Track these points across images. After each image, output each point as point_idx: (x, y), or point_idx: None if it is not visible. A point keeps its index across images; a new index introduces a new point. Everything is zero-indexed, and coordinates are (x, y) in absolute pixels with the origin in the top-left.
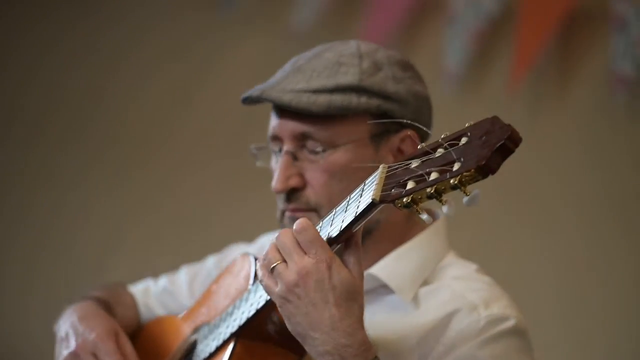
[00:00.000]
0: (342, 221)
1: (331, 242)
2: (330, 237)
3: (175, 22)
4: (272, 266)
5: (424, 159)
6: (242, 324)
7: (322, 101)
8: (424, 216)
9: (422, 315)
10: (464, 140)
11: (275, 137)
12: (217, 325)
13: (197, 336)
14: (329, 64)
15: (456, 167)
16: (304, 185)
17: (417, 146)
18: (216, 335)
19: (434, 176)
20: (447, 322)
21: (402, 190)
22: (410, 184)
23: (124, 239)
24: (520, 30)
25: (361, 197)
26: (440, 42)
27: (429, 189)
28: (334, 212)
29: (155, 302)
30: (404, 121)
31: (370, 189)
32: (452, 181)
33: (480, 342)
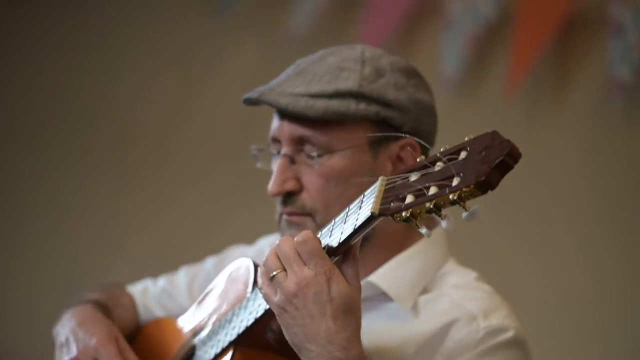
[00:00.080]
0: (341, 233)
1: (330, 253)
2: (329, 248)
3: (174, 27)
4: (272, 274)
5: (423, 172)
6: (240, 333)
7: (319, 106)
8: (423, 230)
9: (421, 324)
10: (463, 154)
11: (275, 139)
12: (215, 332)
13: (196, 341)
14: (331, 68)
15: (455, 182)
16: (301, 189)
17: (417, 154)
18: (215, 342)
19: (433, 191)
20: (446, 332)
21: (401, 204)
22: (409, 198)
23: (126, 242)
24: (517, 35)
25: (360, 209)
26: (437, 47)
27: (428, 204)
28: (333, 223)
29: (154, 302)
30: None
31: (369, 202)
32: (451, 196)
33: (478, 353)
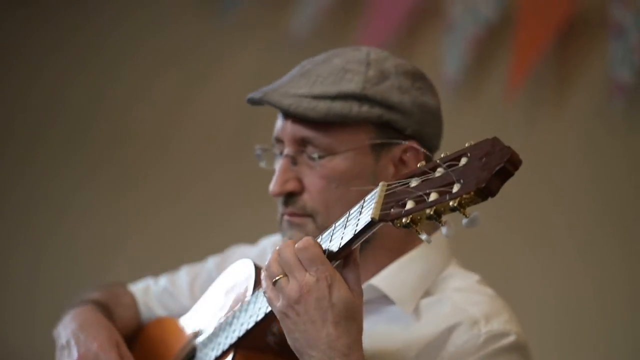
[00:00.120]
0: (342, 238)
1: (331, 257)
2: (330, 253)
3: (175, 28)
4: (274, 279)
5: (424, 178)
6: (241, 336)
7: (321, 107)
8: (424, 236)
9: (423, 327)
10: (464, 160)
11: (278, 140)
12: (216, 334)
13: (196, 343)
14: (335, 70)
15: (455, 188)
16: (302, 190)
17: (420, 157)
18: (215, 345)
19: (433, 197)
20: (447, 336)
21: (401, 210)
22: (409, 204)
23: (127, 242)
24: (518, 37)
25: (360, 214)
26: (438, 49)
27: (428, 210)
28: (333, 227)
29: (155, 302)
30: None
31: (369, 207)
32: (451, 203)
33: (479, 358)
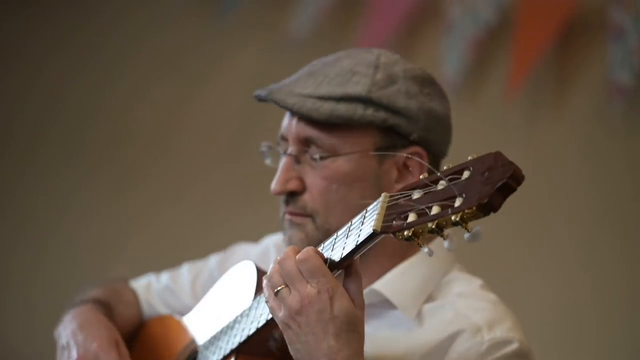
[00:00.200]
0: (343, 248)
1: (332, 267)
2: (331, 262)
3: (175, 29)
4: (276, 289)
5: (426, 190)
6: (242, 341)
7: (325, 108)
8: (425, 249)
9: (425, 333)
10: (466, 174)
11: (283, 138)
12: (217, 337)
13: (197, 346)
14: (343, 71)
15: (458, 203)
16: (303, 189)
17: (424, 164)
18: (216, 348)
19: (435, 210)
20: (450, 343)
21: (403, 222)
22: (411, 217)
23: (127, 242)
24: (517, 38)
25: (362, 224)
26: (437, 51)
27: (430, 224)
28: (335, 236)
29: (157, 299)
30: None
31: (371, 218)
32: (453, 217)
33: None
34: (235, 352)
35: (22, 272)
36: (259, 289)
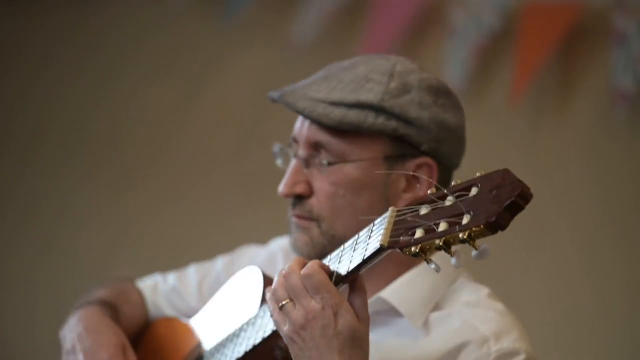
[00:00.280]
0: (350, 262)
1: (338, 280)
2: (337, 276)
3: (178, 30)
4: (281, 304)
5: (434, 206)
6: (248, 350)
7: (336, 114)
8: (432, 265)
9: (432, 342)
10: (474, 191)
11: (294, 140)
12: (223, 344)
13: (203, 352)
14: (357, 77)
15: (465, 220)
16: (311, 193)
17: (434, 175)
18: (222, 356)
19: (442, 227)
20: (457, 354)
21: (410, 238)
22: (418, 233)
23: (128, 243)
24: (521, 44)
25: (369, 238)
26: (441, 56)
27: (437, 241)
28: (342, 248)
29: (163, 301)
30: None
31: (378, 232)
32: (461, 235)
33: None
34: None
35: (22, 273)
36: (265, 297)
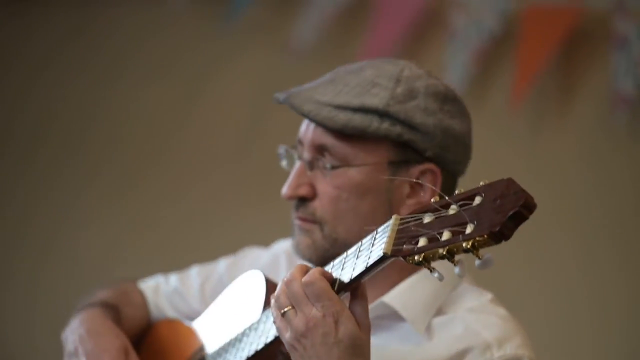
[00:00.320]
0: (353, 269)
1: (340, 288)
2: (340, 283)
3: (178, 32)
4: (283, 311)
5: (437, 215)
6: (250, 355)
7: (340, 118)
8: (435, 274)
9: (435, 348)
10: (478, 200)
11: (300, 142)
12: (225, 349)
13: (205, 356)
14: (363, 82)
15: (469, 229)
16: (314, 196)
17: (438, 181)
18: None
19: (446, 236)
20: None
21: (413, 247)
22: (422, 241)
23: (128, 243)
24: (521, 48)
25: (372, 246)
26: (441, 60)
27: (441, 250)
28: (345, 255)
29: (165, 302)
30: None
31: (382, 240)
32: (464, 244)
33: None
34: None
35: (23, 274)
36: (268, 302)
